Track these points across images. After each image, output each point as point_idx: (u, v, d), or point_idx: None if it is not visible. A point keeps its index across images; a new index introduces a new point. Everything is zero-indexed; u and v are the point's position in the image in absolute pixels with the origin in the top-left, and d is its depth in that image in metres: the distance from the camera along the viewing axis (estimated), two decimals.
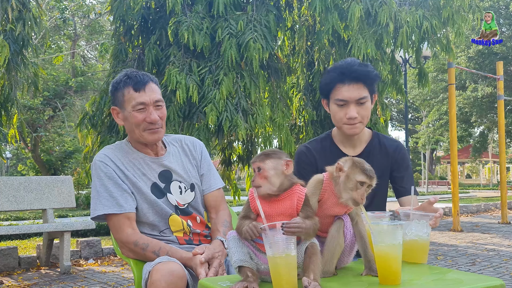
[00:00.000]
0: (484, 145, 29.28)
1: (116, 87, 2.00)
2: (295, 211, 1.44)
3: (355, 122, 1.95)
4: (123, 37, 6.47)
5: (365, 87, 1.94)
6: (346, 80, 1.93)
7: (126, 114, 1.98)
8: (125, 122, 2.01)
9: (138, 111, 1.95)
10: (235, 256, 1.42)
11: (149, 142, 2.01)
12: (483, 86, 22.98)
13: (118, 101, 2.00)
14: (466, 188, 32.92)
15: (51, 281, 4.65)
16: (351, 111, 1.93)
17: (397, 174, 2.10)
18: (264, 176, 1.42)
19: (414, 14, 6.47)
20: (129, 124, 1.99)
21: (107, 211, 1.93)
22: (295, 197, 1.44)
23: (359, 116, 1.94)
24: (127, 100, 1.96)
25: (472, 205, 12.86)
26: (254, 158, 1.46)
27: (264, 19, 5.87)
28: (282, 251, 1.32)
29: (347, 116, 1.94)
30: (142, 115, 1.95)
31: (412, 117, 40.05)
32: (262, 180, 1.42)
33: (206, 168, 2.17)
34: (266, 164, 1.42)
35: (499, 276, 4.75)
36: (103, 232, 7.53)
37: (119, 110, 2.01)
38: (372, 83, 1.97)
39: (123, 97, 1.97)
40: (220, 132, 6.01)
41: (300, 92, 7.78)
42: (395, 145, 2.11)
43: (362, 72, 1.92)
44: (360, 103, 1.94)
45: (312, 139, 2.20)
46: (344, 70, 1.93)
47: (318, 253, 1.41)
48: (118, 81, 2.00)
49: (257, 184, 1.42)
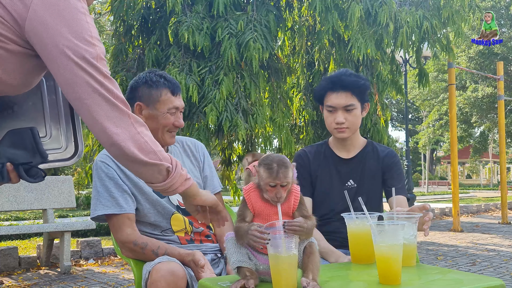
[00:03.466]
0: (484, 145, 29.30)
1: (151, 85, 1.99)
2: (291, 211, 1.45)
3: (342, 127, 2.12)
4: (123, 37, 6.47)
5: (353, 95, 2.11)
6: (335, 88, 2.11)
7: (155, 113, 1.98)
8: (149, 120, 1.98)
9: (171, 114, 1.99)
10: (234, 257, 1.42)
11: (167, 144, 2.04)
12: (484, 86, 22.98)
13: (149, 98, 1.99)
14: (467, 188, 32.92)
15: (51, 281, 4.65)
16: (338, 116, 2.11)
17: (388, 178, 2.20)
18: (288, 188, 1.43)
19: (414, 14, 6.47)
20: (155, 124, 1.98)
21: (107, 211, 1.94)
22: (292, 197, 1.46)
23: (347, 121, 2.12)
24: (163, 101, 1.98)
25: (473, 205, 12.86)
26: (273, 173, 1.40)
27: (264, 19, 5.87)
28: (282, 250, 1.32)
29: (335, 121, 2.12)
30: (172, 118, 1.99)
31: (412, 117, 40.07)
32: (285, 192, 1.42)
33: (209, 170, 2.21)
34: (290, 177, 1.42)
35: (499, 276, 4.74)
36: (103, 232, 7.53)
37: (145, 107, 1.99)
38: (361, 92, 2.13)
39: (159, 97, 1.98)
40: (220, 132, 6.01)
41: (300, 92, 7.78)
42: (387, 150, 2.25)
43: (349, 81, 2.10)
44: (348, 109, 2.11)
45: (310, 145, 2.38)
46: (334, 79, 2.13)
47: (317, 253, 1.41)
48: (154, 80, 2.00)
49: (283, 198, 1.42)
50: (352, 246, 1.73)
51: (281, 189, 1.41)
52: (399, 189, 2.05)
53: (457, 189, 8.65)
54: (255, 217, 1.45)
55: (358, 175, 2.19)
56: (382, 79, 6.93)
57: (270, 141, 6.79)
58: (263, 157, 1.46)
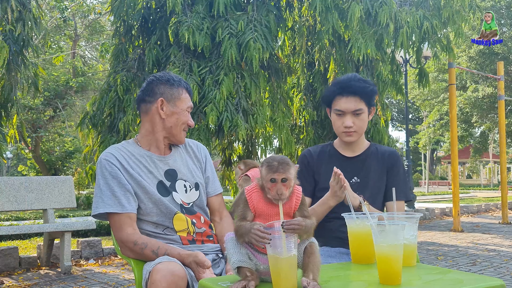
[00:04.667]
0: (484, 145, 29.28)
1: (172, 83, 2.09)
2: (293, 211, 1.46)
3: (351, 131, 2.17)
4: (124, 37, 6.48)
5: (362, 100, 2.16)
6: (344, 93, 2.17)
7: (176, 110, 2.08)
8: (169, 116, 2.07)
9: (188, 113, 2.11)
10: (234, 257, 1.42)
11: (181, 142, 2.14)
12: (484, 86, 22.96)
13: (171, 96, 2.08)
14: (467, 188, 32.92)
15: (51, 281, 4.65)
16: (347, 120, 2.16)
17: (389, 177, 2.23)
18: (289, 185, 1.44)
19: (414, 14, 6.46)
20: (175, 121, 2.08)
21: (109, 210, 1.95)
22: (294, 197, 1.46)
23: (354, 125, 2.17)
24: (183, 100, 2.09)
25: (473, 206, 12.86)
26: (274, 167, 1.42)
27: (265, 19, 5.87)
28: (282, 251, 1.32)
29: (343, 125, 2.17)
30: (187, 117, 2.11)
31: (412, 117, 40.06)
32: (287, 190, 1.43)
33: (210, 172, 2.24)
34: (291, 174, 1.44)
35: (499, 276, 4.74)
36: (104, 232, 7.53)
37: (167, 103, 2.07)
38: (368, 97, 2.18)
39: (179, 95, 2.09)
40: (221, 132, 6.01)
41: (301, 92, 7.78)
42: (390, 151, 2.29)
43: (358, 87, 2.15)
44: (356, 114, 2.16)
45: (316, 145, 2.44)
46: (343, 84, 2.18)
47: (317, 253, 1.42)
48: (174, 78, 2.11)
49: (284, 196, 1.42)
50: (353, 246, 1.74)
51: (282, 186, 1.41)
52: (399, 192, 2.05)
53: (457, 189, 8.64)
54: (256, 218, 1.45)
55: (363, 172, 2.22)
56: (382, 79, 6.93)
57: (270, 141, 6.79)
58: (265, 158, 1.49)
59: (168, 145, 2.15)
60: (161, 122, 2.08)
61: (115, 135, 5.94)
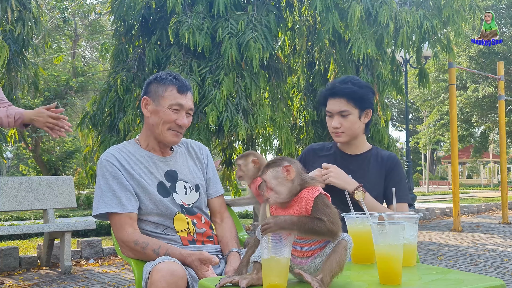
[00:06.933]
0: (485, 145, 29.25)
1: (159, 81, 2.06)
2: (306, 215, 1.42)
3: (338, 131, 2.23)
4: (124, 37, 6.48)
5: (349, 102, 2.20)
6: (332, 94, 2.24)
7: (159, 108, 2.03)
8: (152, 114, 2.05)
9: (173, 111, 2.02)
10: (258, 251, 1.44)
11: (168, 142, 2.07)
12: (484, 86, 22.96)
13: (155, 94, 2.05)
14: (467, 188, 32.90)
15: (51, 281, 4.66)
16: (334, 121, 2.24)
17: (388, 180, 2.25)
18: (269, 188, 1.43)
19: (414, 14, 6.46)
20: (157, 119, 2.03)
21: (110, 210, 1.95)
22: (303, 201, 1.42)
23: (342, 126, 2.22)
24: (167, 97, 2.02)
25: (473, 205, 12.85)
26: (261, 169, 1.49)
27: (265, 19, 5.87)
28: (269, 254, 1.34)
29: (331, 126, 2.25)
30: (175, 115, 2.03)
31: (412, 117, 40.05)
32: (269, 192, 1.43)
33: (212, 173, 2.25)
34: (267, 175, 1.44)
35: (499, 276, 4.74)
36: (104, 232, 7.53)
37: (151, 102, 2.05)
38: (356, 100, 2.20)
39: (163, 92, 2.03)
40: (221, 132, 6.01)
41: (301, 92, 7.78)
42: (389, 154, 2.32)
43: (344, 89, 2.21)
44: (342, 115, 2.21)
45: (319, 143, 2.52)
46: (331, 86, 2.27)
47: (339, 253, 1.38)
48: (163, 77, 2.06)
49: (266, 197, 1.44)
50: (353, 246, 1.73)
51: (266, 188, 1.43)
52: (398, 195, 2.06)
53: (457, 189, 8.64)
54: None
55: (363, 171, 2.23)
56: (383, 79, 6.93)
57: (270, 141, 6.79)
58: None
59: (169, 146, 2.14)
60: (147, 121, 2.08)
61: (115, 135, 5.94)
